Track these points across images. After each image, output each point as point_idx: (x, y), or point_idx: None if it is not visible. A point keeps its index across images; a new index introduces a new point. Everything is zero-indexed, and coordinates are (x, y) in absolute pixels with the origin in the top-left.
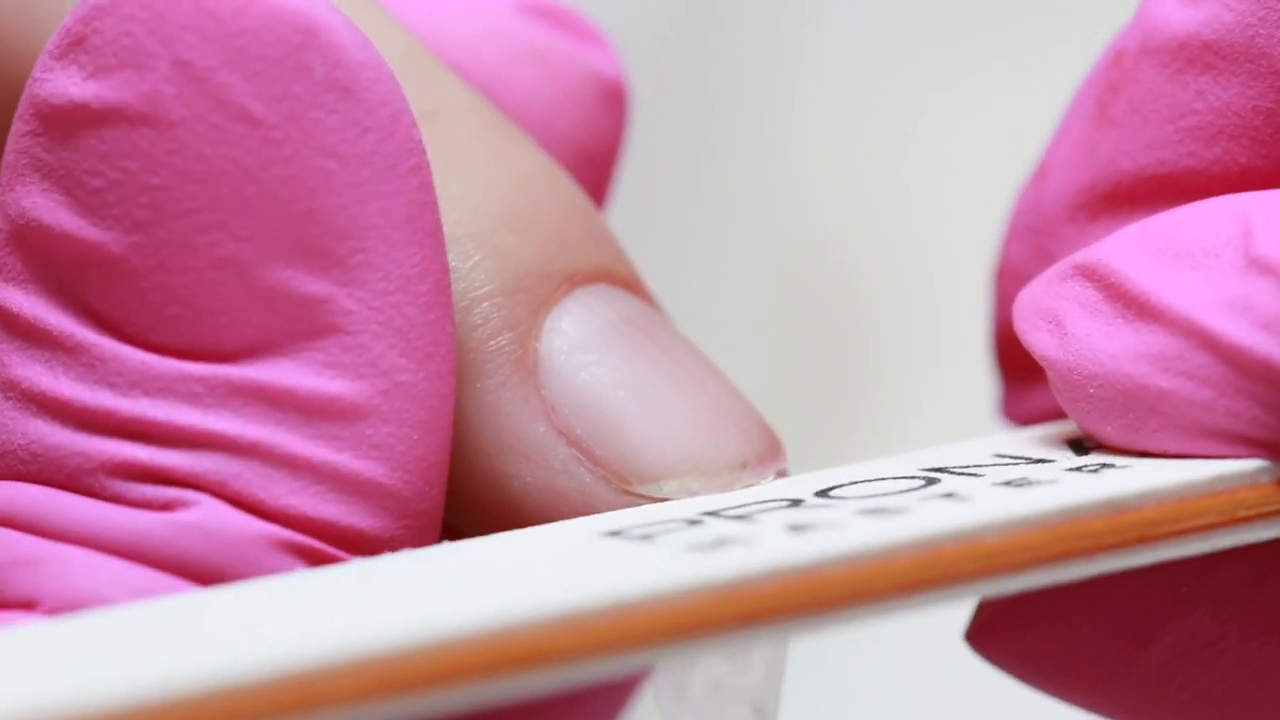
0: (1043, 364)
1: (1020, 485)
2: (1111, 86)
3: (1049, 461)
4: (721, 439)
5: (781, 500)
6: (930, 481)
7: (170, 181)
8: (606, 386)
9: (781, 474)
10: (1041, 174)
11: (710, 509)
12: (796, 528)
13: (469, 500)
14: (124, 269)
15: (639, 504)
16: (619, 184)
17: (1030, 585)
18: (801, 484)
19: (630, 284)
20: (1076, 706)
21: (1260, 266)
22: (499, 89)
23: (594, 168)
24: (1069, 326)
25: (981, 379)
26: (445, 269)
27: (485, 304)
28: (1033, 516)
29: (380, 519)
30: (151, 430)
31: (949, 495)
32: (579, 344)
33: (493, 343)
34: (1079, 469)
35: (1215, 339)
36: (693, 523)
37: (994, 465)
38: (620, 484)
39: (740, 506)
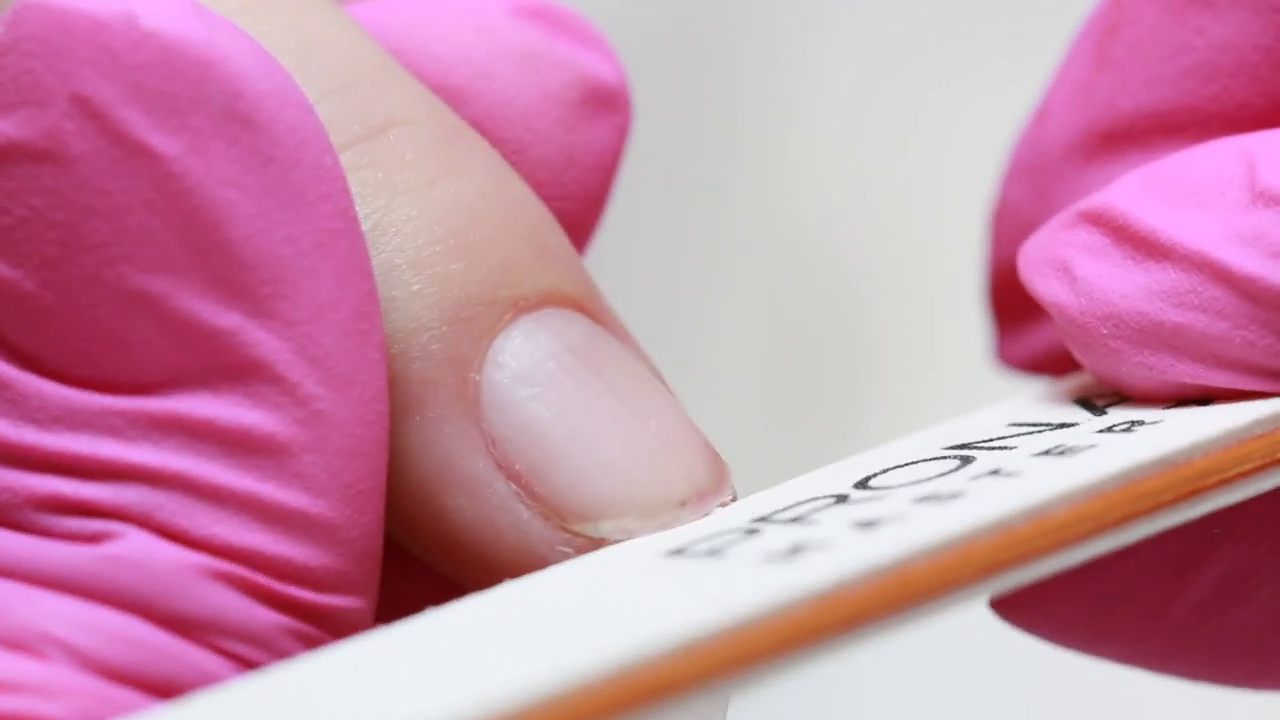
0: (1053, 311)
1: (1061, 454)
2: (1110, 28)
3: (1072, 425)
4: (661, 477)
5: (825, 497)
6: (965, 460)
7: (75, 217)
8: (546, 421)
9: (725, 505)
10: (1041, 115)
11: (759, 515)
12: (864, 525)
13: (413, 533)
14: (39, 305)
15: (576, 542)
16: (621, 185)
17: (1095, 553)
18: (832, 477)
19: (583, 305)
20: (1111, 661)
21: (1267, 199)
22: (484, 87)
23: (582, 172)
24: (1078, 272)
25: (980, 378)
26: (366, 295)
27: (425, 335)
28: (1092, 484)
29: (309, 548)
30: (75, 464)
31: (995, 473)
32: (520, 376)
33: (433, 375)
34: (1109, 429)
35: (1227, 271)
36: (750, 532)
37: (1018, 435)
38: (558, 521)
39: (788, 509)
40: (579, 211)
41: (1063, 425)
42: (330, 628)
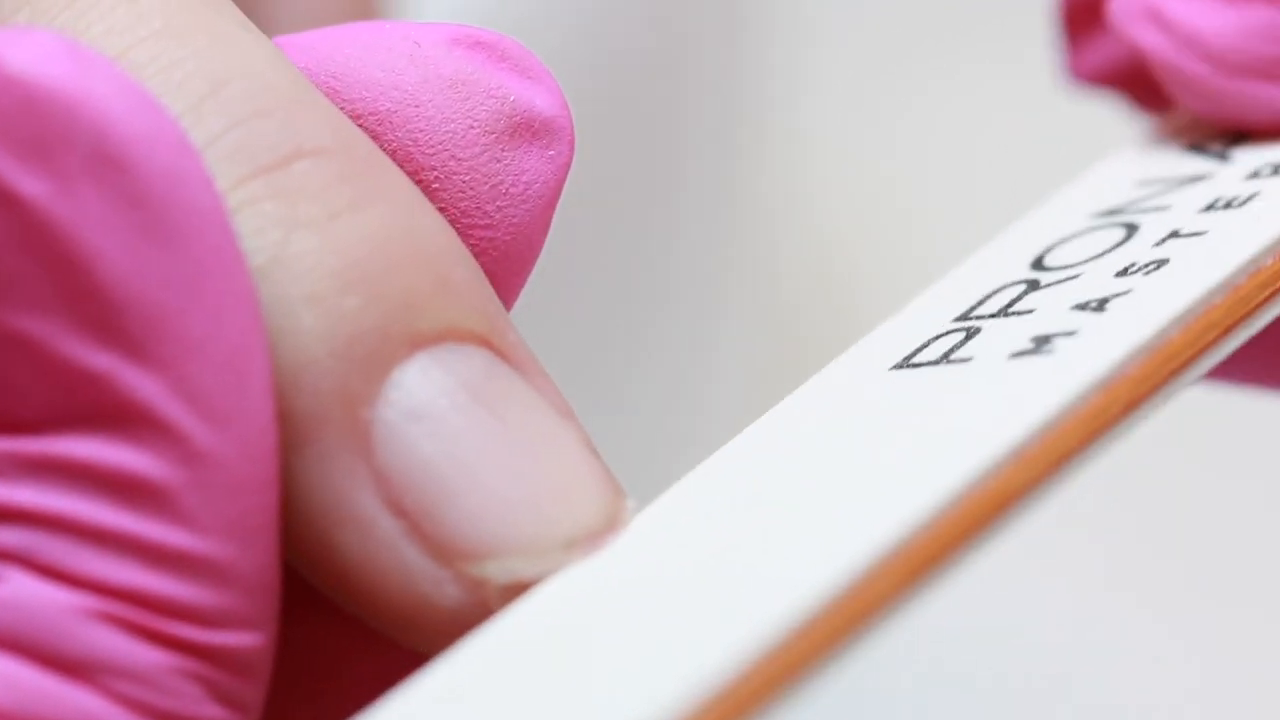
0: (1153, 59)
1: (1228, 206)
2: None
3: (1206, 176)
4: (547, 519)
5: (1013, 284)
6: (1130, 227)
7: None
8: (435, 459)
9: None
10: None
11: (955, 314)
12: (1087, 306)
13: (310, 570)
14: None
15: (462, 582)
16: (619, 185)
17: None
18: (996, 263)
19: (486, 340)
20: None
21: None
22: (412, 113)
23: (509, 202)
24: (1169, 14)
25: None
26: (245, 332)
27: (315, 370)
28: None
29: (194, 586)
30: None
31: (1176, 234)
32: (412, 413)
33: (322, 410)
34: (1255, 174)
35: None
36: (970, 333)
37: (1163, 194)
38: (445, 562)
39: (983, 303)
40: (508, 242)
41: (1198, 178)
42: (225, 666)
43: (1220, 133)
